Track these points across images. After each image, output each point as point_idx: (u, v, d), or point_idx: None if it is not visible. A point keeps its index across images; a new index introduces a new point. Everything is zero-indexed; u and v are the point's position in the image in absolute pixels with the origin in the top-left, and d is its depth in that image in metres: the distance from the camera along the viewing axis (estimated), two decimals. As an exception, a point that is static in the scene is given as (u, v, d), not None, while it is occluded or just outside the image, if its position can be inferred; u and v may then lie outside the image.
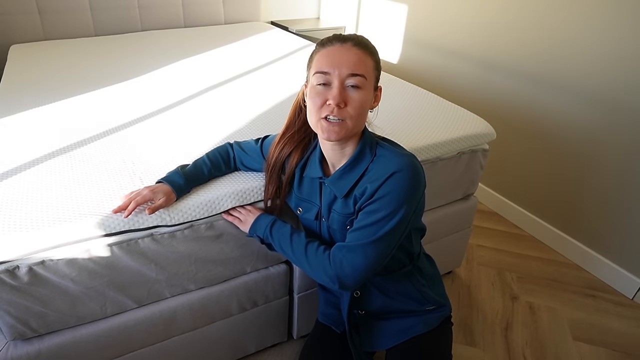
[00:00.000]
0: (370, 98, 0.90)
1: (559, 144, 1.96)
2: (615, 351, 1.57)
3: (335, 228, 0.99)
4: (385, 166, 0.88)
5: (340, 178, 0.94)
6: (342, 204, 0.95)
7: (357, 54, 0.86)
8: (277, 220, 1.06)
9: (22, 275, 0.93)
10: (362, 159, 0.92)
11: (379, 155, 0.91)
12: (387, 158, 0.90)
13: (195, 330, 1.25)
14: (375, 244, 0.87)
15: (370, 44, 0.91)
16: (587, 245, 1.95)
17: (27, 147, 1.28)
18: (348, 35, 0.89)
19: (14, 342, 1.02)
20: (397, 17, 2.72)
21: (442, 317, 1.09)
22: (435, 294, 1.10)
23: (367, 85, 0.87)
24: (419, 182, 0.89)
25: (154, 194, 1.02)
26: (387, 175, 0.86)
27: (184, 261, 1.12)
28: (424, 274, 1.09)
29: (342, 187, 0.94)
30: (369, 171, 0.91)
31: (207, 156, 1.15)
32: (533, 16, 1.94)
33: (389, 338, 1.07)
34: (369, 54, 0.88)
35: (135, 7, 2.63)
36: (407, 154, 0.91)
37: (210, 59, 2.20)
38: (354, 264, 0.89)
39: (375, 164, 0.91)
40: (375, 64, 0.90)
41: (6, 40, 2.34)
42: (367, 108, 0.90)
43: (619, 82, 1.69)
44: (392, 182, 0.86)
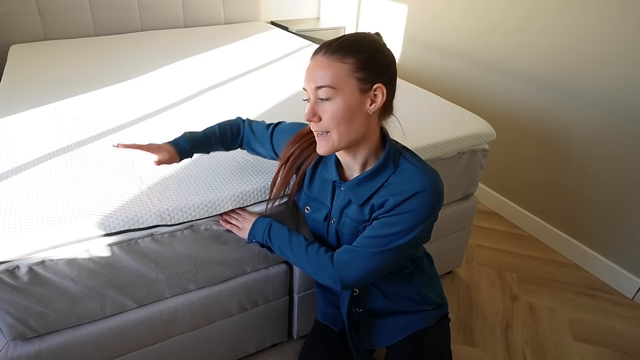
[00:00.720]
0: (355, 103, 0.83)
1: (559, 144, 1.96)
2: (615, 351, 1.57)
3: (345, 232, 0.98)
4: (410, 182, 0.87)
5: (359, 185, 0.92)
6: (357, 211, 0.93)
7: (324, 64, 0.82)
8: (273, 222, 1.05)
9: (22, 275, 0.93)
10: (384, 170, 0.90)
11: (402, 168, 0.90)
12: (411, 173, 0.88)
13: (195, 330, 1.25)
14: (385, 254, 0.88)
15: (353, 42, 0.83)
16: (587, 245, 1.95)
17: (27, 147, 1.29)
18: (326, 42, 0.84)
19: (14, 342, 1.02)
20: (397, 17, 2.72)
21: (439, 314, 1.10)
22: (433, 293, 1.10)
23: (341, 93, 0.82)
24: (439, 203, 0.88)
25: (159, 150, 1.04)
26: (411, 192, 0.85)
27: (184, 261, 1.12)
28: (423, 274, 1.09)
29: (361, 195, 0.92)
30: (390, 183, 0.89)
31: (218, 127, 1.14)
32: (533, 16, 1.94)
33: (388, 335, 1.08)
34: (340, 58, 0.81)
35: (135, 7, 2.63)
36: (430, 171, 0.90)
37: (210, 59, 2.20)
38: (359, 268, 0.89)
39: (398, 176, 0.89)
40: (354, 65, 0.81)
41: (6, 40, 2.34)
42: (349, 116, 0.83)
43: (619, 83, 1.69)
44: (415, 200, 0.85)
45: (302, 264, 0.98)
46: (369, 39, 0.85)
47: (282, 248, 1.02)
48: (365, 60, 0.82)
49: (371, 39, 0.86)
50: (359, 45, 0.83)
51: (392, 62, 0.87)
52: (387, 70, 0.85)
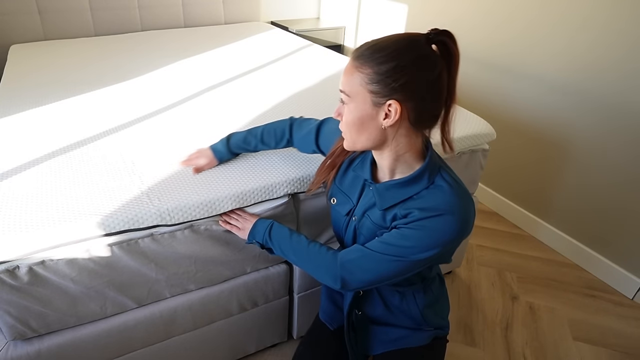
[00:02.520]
0: (366, 114, 0.81)
1: (559, 143, 1.96)
2: (615, 351, 1.57)
3: (363, 233, 0.96)
4: (439, 201, 0.83)
5: (388, 190, 0.89)
6: (379, 215, 0.91)
7: (347, 68, 0.82)
8: (274, 223, 1.04)
9: (22, 275, 0.93)
10: (416, 183, 0.86)
11: (437, 184, 0.85)
12: (443, 192, 0.84)
13: (195, 330, 1.26)
14: (392, 264, 0.85)
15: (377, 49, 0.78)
16: (587, 245, 1.95)
17: (27, 147, 1.28)
18: (361, 45, 0.82)
19: (14, 342, 1.03)
20: (397, 17, 2.72)
21: (437, 335, 1.07)
22: (437, 316, 1.06)
23: (352, 101, 0.81)
24: (464, 231, 0.83)
25: (199, 152, 1.22)
26: (437, 212, 0.81)
27: (184, 261, 1.12)
28: (430, 295, 1.05)
29: (386, 200, 0.89)
30: (419, 197, 0.85)
31: (262, 130, 1.21)
32: (534, 16, 1.94)
33: (378, 344, 1.07)
34: (360, 66, 0.79)
35: (135, 7, 2.63)
36: (464, 196, 0.85)
37: (210, 59, 2.20)
38: (363, 270, 0.87)
39: (430, 192, 0.85)
40: (367, 76, 0.78)
41: (6, 40, 2.34)
42: (360, 124, 0.82)
43: (619, 83, 1.69)
44: (438, 222, 0.81)
45: (303, 262, 0.97)
46: (402, 48, 0.77)
47: (283, 247, 1.00)
48: (383, 74, 0.77)
49: (405, 47, 0.77)
50: (385, 54, 0.77)
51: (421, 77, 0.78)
52: (407, 86, 0.77)
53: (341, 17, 3.24)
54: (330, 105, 1.68)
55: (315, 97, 1.77)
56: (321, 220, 1.31)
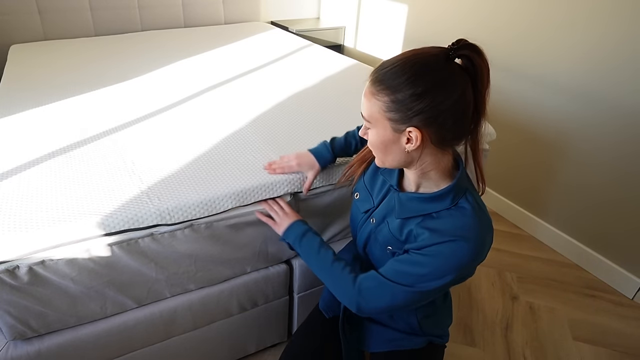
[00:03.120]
0: (388, 139, 0.80)
1: (559, 144, 1.96)
2: (615, 351, 1.57)
3: (378, 239, 0.95)
4: (457, 225, 0.80)
5: (410, 201, 0.87)
6: (397, 225, 0.89)
7: (365, 93, 0.81)
8: (309, 231, 1.04)
9: (22, 275, 0.93)
10: (439, 201, 0.84)
11: (459, 206, 0.83)
12: (463, 216, 0.81)
13: (195, 330, 1.25)
14: (408, 295, 0.83)
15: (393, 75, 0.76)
16: (587, 245, 1.95)
17: (27, 147, 1.28)
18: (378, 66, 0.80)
19: (14, 342, 1.02)
20: (397, 17, 2.72)
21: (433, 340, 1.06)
22: (436, 327, 1.05)
23: (374, 127, 0.81)
24: (478, 259, 0.81)
25: (299, 166, 1.18)
26: (450, 237, 0.79)
27: (184, 261, 1.12)
28: (432, 306, 1.04)
29: (406, 211, 0.88)
30: (439, 216, 0.83)
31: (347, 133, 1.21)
32: (533, 16, 1.94)
33: (374, 342, 1.07)
34: (376, 93, 0.78)
35: (135, 7, 2.63)
36: (484, 223, 0.82)
37: (210, 59, 2.20)
38: (379, 299, 0.86)
39: (451, 213, 0.82)
40: (384, 104, 0.77)
41: (6, 40, 2.34)
42: (384, 148, 0.82)
43: (620, 83, 1.69)
44: (452, 247, 0.79)
45: (324, 278, 0.97)
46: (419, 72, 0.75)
47: (309, 259, 1.00)
48: (399, 102, 0.75)
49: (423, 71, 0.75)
50: (401, 81, 0.75)
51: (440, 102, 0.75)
52: (426, 113, 0.75)
53: (341, 17, 3.24)
54: (330, 105, 1.68)
55: (315, 97, 1.77)
56: (322, 219, 1.31)
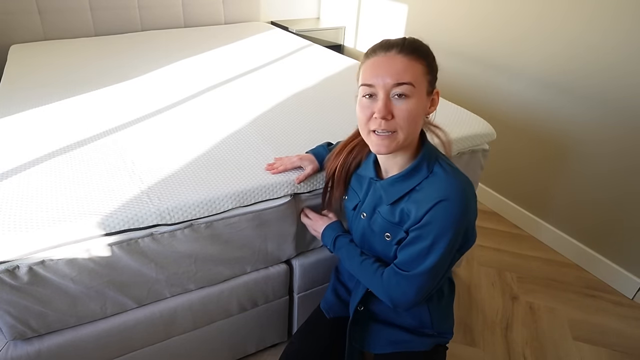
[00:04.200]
0: (423, 104, 0.85)
1: (559, 143, 1.96)
2: (615, 351, 1.57)
3: (374, 230, 0.98)
4: (436, 190, 0.85)
5: (392, 185, 0.92)
6: (388, 210, 0.94)
7: (402, 61, 0.82)
8: (339, 236, 1.08)
9: (22, 275, 0.93)
10: (417, 173, 0.89)
11: (434, 173, 0.88)
12: (439, 180, 0.87)
13: (195, 330, 1.25)
14: (424, 276, 0.87)
15: (420, 45, 0.85)
16: (587, 245, 1.95)
17: (27, 147, 1.28)
18: (393, 42, 0.84)
19: (14, 342, 1.02)
20: (397, 17, 2.72)
21: (438, 342, 1.07)
22: (442, 319, 1.06)
23: (417, 93, 0.83)
24: (467, 211, 0.85)
25: (301, 161, 1.18)
26: (433, 202, 0.84)
27: (184, 261, 1.12)
28: (441, 297, 1.05)
29: (392, 195, 0.92)
30: (420, 188, 0.88)
31: None
32: (533, 16, 1.94)
33: (380, 344, 1.07)
34: (416, 58, 0.83)
35: (135, 7, 2.63)
36: (459, 178, 0.88)
37: (210, 59, 2.20)
38: (404, 292, 0.90)
39: (429, 181, 0.88)
40: (426, 67, 0.84)
41: (6, 40, 2.34)
42: (419, 116, 0.85)
43: (619, 82, 1.69)
44: (437, 210, 0.83)
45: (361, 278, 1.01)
46: (425, 45, 0.88)
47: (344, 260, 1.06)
48: (432, 65, 0.86)
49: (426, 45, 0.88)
50: (424, 49, 0.86)
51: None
52: (436, 74, 0.89)
53: (341, 17, 3.24)
54: (330, 105, 1.68)
55: (315, 97, 1.77)
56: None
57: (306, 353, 1.07)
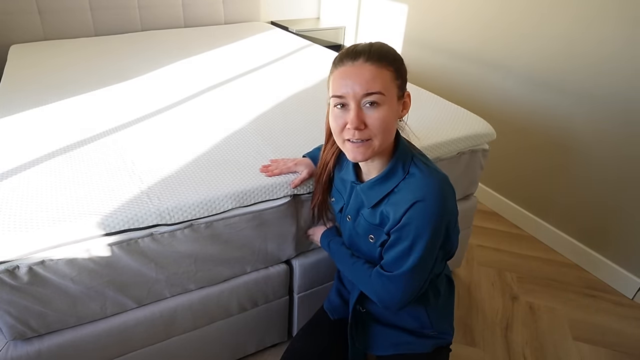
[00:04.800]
0: (395, 109, 0.86)
1: (559, 144, 1.96)
2: (615, 351, 1.57)
3: (359, 232, 0.99)
4: (412, 191, 0.86)
5: (371, 189, 0.93)
6: (370, 213, 0.95)
7: (370, 69, 0.82)
8: (332, 240, 1.11)
9: (22, 275, 0.93)
10: (393, 175, 0.90)
11: (411, 174, 0.89)
12: (415, 181, 0.87)
13: (195, 330, 1.25)
14: (406, 275, 0.88)
15: (387, 51, 0.86)
16: (587, 245, 1.94)
17: (27, 147, 1.28)
18: (360, 49, 0.84)
19: (14, 342, 1.02)
20: (397, 17, 2.72)
21: (440, 344, 1.06)
22: (442, 320, 1.06)
23: (388, 100, 0.83)
24: (444, 210, 0.85)
25: (296, 166, 1.18)
26: (410, 203, 0.84)
27: (184, 261, 1.12)
28: (437, 295, 1.05)
29: (371, 198, 0.93)
30: (398, 190, 0.89)
31: None
32: (533, 16, 1.94)
33: (382, 346, 1.07)
34: (384, 65, 0.83)
35: (135, 7, 2.63)
36: (435, 177, 0.88)
37: (210, 59, 2.20)
38: (390, 292, 0.91)
39: (406, 182, 0.88)
40: (394, 73, 0.85)
41: (6, 40, 2.34)
42: (392, 122, 0.86)
43: (620, 82, 1.69)
44: (414, 211, 0.84)
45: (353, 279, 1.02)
46: (392, 49, 0.89)
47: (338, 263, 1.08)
48: (400, 69, 0.87)
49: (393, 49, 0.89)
50: (391, 54, 0.87)
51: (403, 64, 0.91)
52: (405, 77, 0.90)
53: (341, 17, 3.24)
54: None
55: (315, 97, 1.77)
56: (321, 220, 1.31)
57: (308, 353, 1.07)
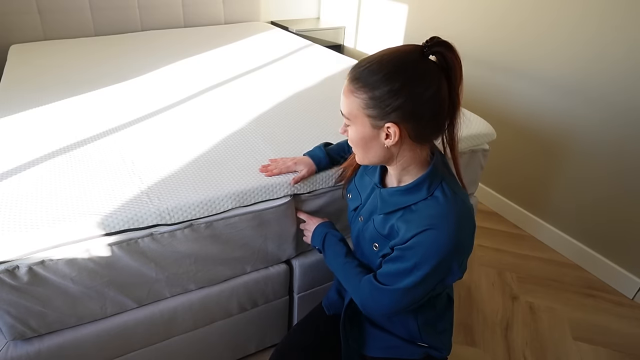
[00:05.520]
0: (367, 135, 0.82)
1: (559, 143, 1.96)
2: (615, 351, 1.57)
3: (365, 237, 0.97)
4: (427, 216, 0.82)
5: (391, 196, 0.90)
6: (381, 221, 0.92)
7: (344, 91, 0.83)
8: (328, 233, 1.09)
9: (22, 275, 0.93)
10: (416, 192, 0.86)
11: (435, 196, 0.84)
12: (435, 205, 0.82)
13: (195, 330, 1.25)
14: (398, 293, 0.86)
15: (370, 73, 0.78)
16: (587, 245, 1.95)
17: (27, 147, 1.28)
18: (356, 65, 0.83)
19: (14, 342, 1.02)
20: (397, 17, 2.72)
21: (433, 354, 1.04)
22: (434, 335, 1.03)
23: (354, 124, 0.84)
24: (456, 247, 0.80)
25: (296, 165, 1.18)
26: (422, 227, 0.80)
27: (184, 261, 1.12)
28: (433, 310, 1.02)
29: (387, 205, 0.90)
30: (416, 208, 0.85)
31: None
32: (533, 16, 1.94)
33: (373, 347, 1.06)
34: (355, 91, 0.80)
35: (135, 7, 2.63)
36: (457, 208, 0.82)
37: (210, 59, 2.20)
38: (377, 302, 0.90)
39: (426, 204, 0.84)
40: (362, 101, 0.79)
41: (6, 40, 2.34)
42: (364, 144, 0.84)
43: (619, 82, 1.69)
44: (424, 237, 0.80)
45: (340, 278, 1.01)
46: (395, 69, 0.77)
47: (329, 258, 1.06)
48: (377, 98, 0.78)
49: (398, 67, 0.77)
50: (377, 78, 0.77)
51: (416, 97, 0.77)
52: (403, 108, 0.77)
53: (341, 17, 3.24)
54: (329, 105, 1.68)
55: (315, 97, 1.77)
56: (321, 220, 1.31)
57: (301, 346, 1.07)
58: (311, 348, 1.07)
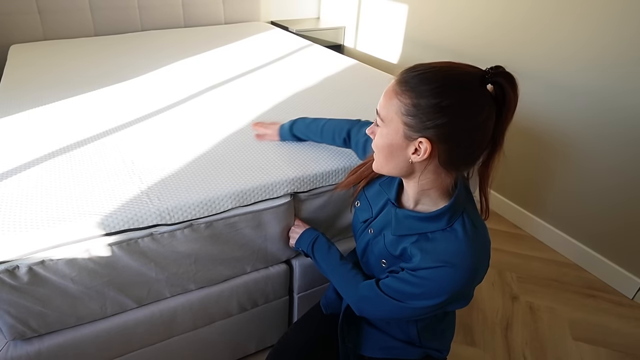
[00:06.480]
0: (395, 143, 0.77)
1: (559, 143, 1.96)
2: (615, 351, 1.57)
3: (374, 251, 0.95)
4: (445, 251, 0.79)
5: (406, 219, 0.86)
6: (392, 240, 0.89)
7: (388, 91, 0.77)
8: (319, 236, 1.09)
9: (22, 275, 0.93)
10: (436, 221, 0.82)
11: (453, 229, 0.80)
12: (453, 241, 0.79)
13: (195, 330, 1.25)
14: (402, 310, 0.85)
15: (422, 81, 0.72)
16: (587, 245, 1.95)
17: (27, 147, 1.28)
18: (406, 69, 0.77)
19: (14, 342, 1.02)
20: (397, 17, 2.72)
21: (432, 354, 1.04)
22: (434, 339, 1.02)
23: (386, 127, 0.78)
24: (469, 285, 0.80)
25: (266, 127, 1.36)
26: (439, 263, 0.78)
27: (184, 261, 1.12)
28: (435, 317, 1.01)
29: (401, 229, 0.87)
30: (433, 238, 0.82)
31: (325, 122, 1.25)
32: (532, 15, 1.94)
33: (370, 347, 1.06)
34: (400, 93, 0.74)
35: (135, 7, 2.63)
36: (476, 246, 0.79)
37: (210, 59, 2.20)
38: (375, 308, 0.90)
39: (444, 235, 0.81)
40: (404, 106, 0.73)
41: (6, 40, 2.34)
42: (389, 152, 0.79)
43: (618, 81, 1.69)
44: (439, 273, 0.78)
45: (333, 280, 1.01)
46: (450, 85, 0.72)
47: (320, 261, 1.06)
48: (421, 108, 0.72)
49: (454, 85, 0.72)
50: (429, 87, 0.72)
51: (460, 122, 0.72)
52: (443, 128, 0.72)
53: (341, 17, 3.24)
54: (330, 105, 1.68)
55: (315, 97, 1.77)
56: (321, 220, 1.31)
57: (298, 344, 1.07)
58: (308, 347, 1.07)
